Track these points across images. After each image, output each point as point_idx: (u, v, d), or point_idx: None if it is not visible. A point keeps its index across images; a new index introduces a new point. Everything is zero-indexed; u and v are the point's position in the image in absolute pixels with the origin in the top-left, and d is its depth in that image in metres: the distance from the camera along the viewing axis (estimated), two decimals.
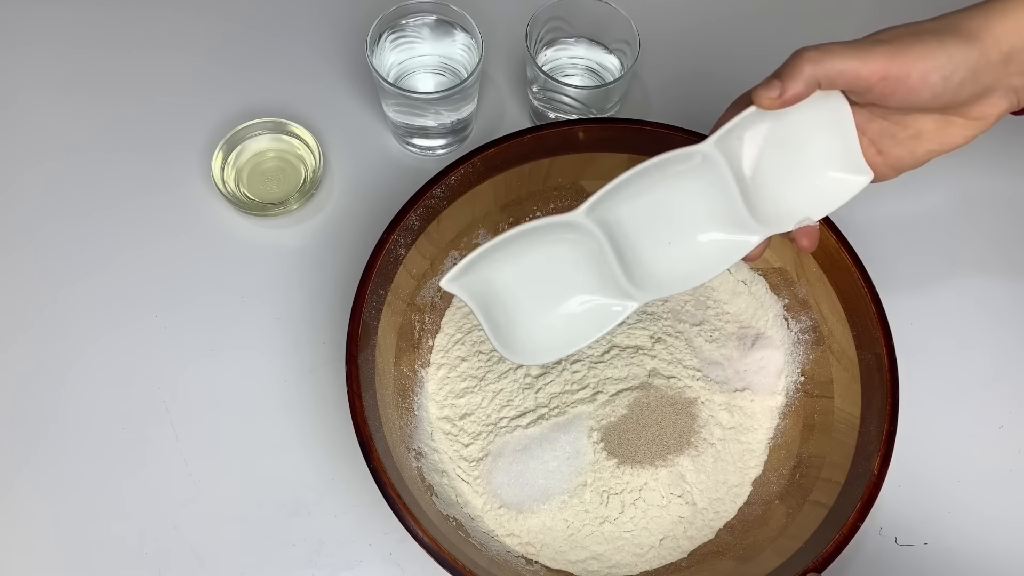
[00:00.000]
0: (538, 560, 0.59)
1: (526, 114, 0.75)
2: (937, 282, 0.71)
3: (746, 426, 0.63)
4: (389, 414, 0.59)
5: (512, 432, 0.61)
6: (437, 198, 0.63)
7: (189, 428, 0.64)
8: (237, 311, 0.68)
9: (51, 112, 0.74)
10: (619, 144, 0.66)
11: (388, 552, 0.61)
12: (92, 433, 0.64)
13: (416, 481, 0.58)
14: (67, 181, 0.72)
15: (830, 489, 0.58)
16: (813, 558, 0.53)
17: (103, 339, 0.66)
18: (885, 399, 0.57)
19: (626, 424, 0.61)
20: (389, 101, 0.68)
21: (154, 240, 0.70)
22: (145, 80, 0.76)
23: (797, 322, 0.65)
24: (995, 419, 0.66)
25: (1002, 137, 0.76)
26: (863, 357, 0.60)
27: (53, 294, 0.68)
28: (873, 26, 0.49)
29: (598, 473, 0.60)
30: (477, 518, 0.59)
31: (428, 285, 0.65)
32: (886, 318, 0.60)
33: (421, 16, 0.68)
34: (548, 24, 0.70)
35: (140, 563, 0.60)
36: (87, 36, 0.77)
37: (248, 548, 0.61)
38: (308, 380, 0.66)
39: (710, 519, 0.60)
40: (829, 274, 0.63)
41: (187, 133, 0.73)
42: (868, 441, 0.58)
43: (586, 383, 0.62)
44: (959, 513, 0.63)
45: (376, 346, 0.60)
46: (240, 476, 0.63)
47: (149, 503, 0.62)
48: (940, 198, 0.74)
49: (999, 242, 0.72)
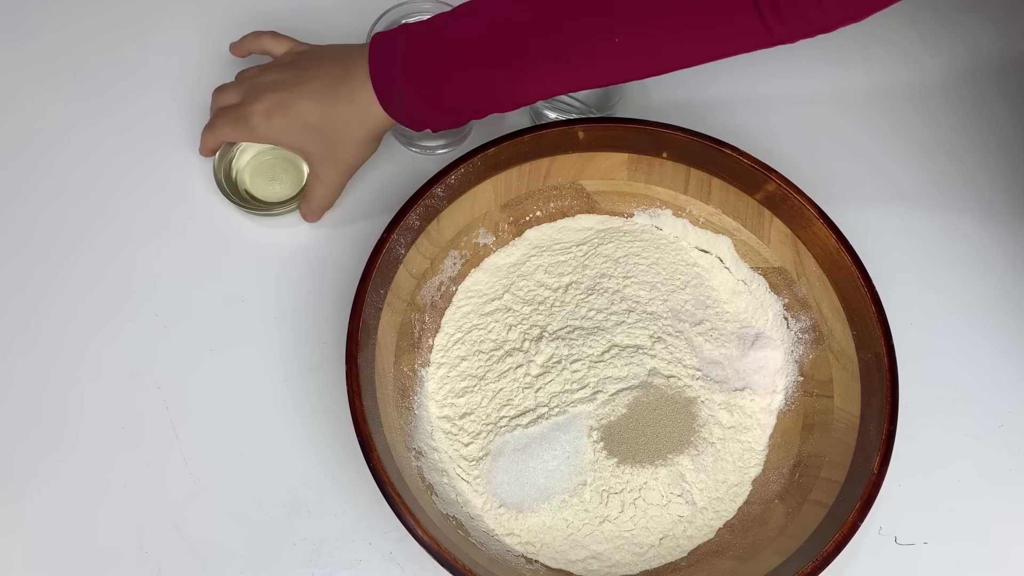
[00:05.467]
0: (538, 559, 0.59)
1: (526, 114, 0.75)
2: (937, 282, 0.71)
3: (746, 425, 0.63)
4: (389, 413, 0.59)
5: (512, 431, 0.61)
6: (437, 198, 0.63)
7: (189, 427, 0.64)
8: (237, 311, 0.68)
9: (50, 111, 0.74)
10: (619, 144, 0.66)
11: (388, 551, 0.61)
12: (92, 432, 0.64)
13: (416, 480, 0.58)
14: (66, 180, 0.72)
15: (830, 488, 0.58)
16: (813, 557, 0.53)
17: (103, 338, 0.66)
18: (885, 398, 0.58)
19: (626, 423, 0.61)
20: None
21: (154, 239, 0.70)
22: (145, 80, 0.76)
23: (797, 321, 0.65)
24: (995, 419, 0.66)
25: (1003, 137, 0.76)
26: (863, 356, 0.60)
27: (52, 293, 0.68)
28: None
29: (598, 472, 0.60)
30: (477, 517, 0.59)
31: (428, 284, 0.65)
32: (886, 318, 0.60)
33: (421, 16, 0.69)
34: None
35: (140, 563, 0.60)
36: (84, 32, 0.77)
37: (248, 547, 0.61)
38: (308, 380, 0.66)
39: (710, 518, 0.60)
40: (829, 274, 0.63)
41: (187, 132, 0.73)
42: (868, 440, 0.58)
43: (586, 382, 0.62)
44: (959, 513, 0.63)
45: (376, 345, 0.60)
46: (240, 475, 0.63)
47: (149, 502, 0.62)
48: (940, 198, 0.74)
49: (999, 242, 0.72)
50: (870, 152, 0.75)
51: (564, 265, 0.67)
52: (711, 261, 0.68)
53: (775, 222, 0.65)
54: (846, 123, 0.76)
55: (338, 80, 0.61)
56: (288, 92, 0.63)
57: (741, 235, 0.67)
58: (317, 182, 0.66)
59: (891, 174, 0.74)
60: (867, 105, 0.77)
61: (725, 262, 0.68)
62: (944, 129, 0.76)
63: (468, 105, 0.60)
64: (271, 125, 0.64)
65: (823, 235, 0.62)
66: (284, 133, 0.64)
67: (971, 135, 0.76)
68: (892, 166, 0.75)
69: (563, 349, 0.63)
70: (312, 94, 0.62)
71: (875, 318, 0.60)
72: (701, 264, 0.68)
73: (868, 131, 0.76)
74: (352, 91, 0.61)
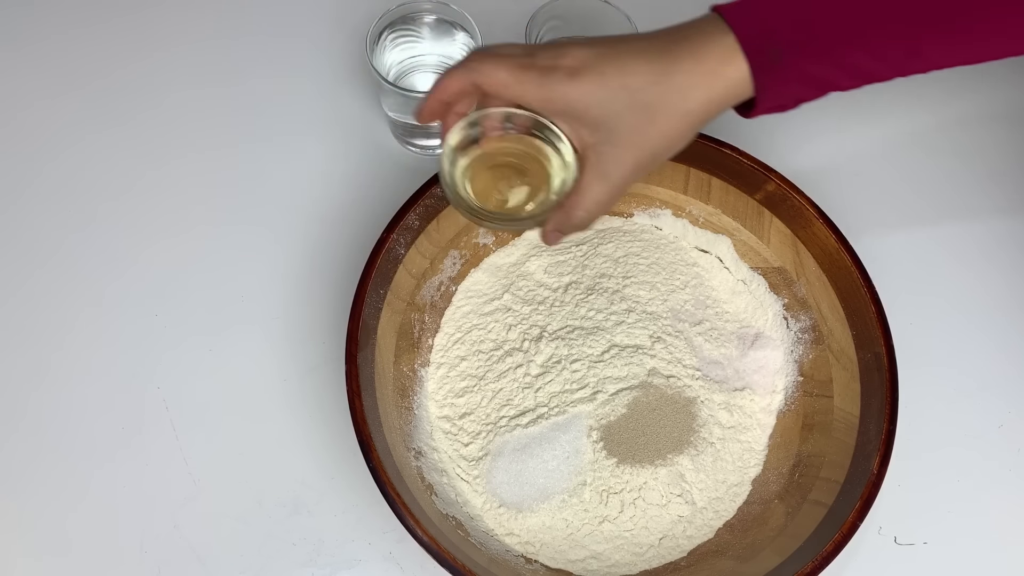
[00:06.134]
0: (537, 559, 0.59)
1: None
2: (937, 282, 0.70)
3: (745, 425, 0.63)
4: (389, 413, 0.59)
5: (512, 431, 0.61)
6: (437, 197, 0.63)
7: (189, 427, 0.64)
8: (237, 311, 0.68)
9: (50, 110, 0.74)
10: None
11: (388, 551, 0.61)
12: (92, 432, 0.64)
13: (416, 480, 0.58)
14: (66, 180, 0.72)
15: (829, 488, 0.58)
16: (812, 557, 0.53)
17: (103, 338, 0.66)
18: (884, 398, 0.58)
19: (626, 423, 0.61)
20: (389, 100, 0.69)
21: (154, 239, 0.70)
22: (144, 80, 0.76)
23: (797, 321, 0.65)
24: (995, 419, 0.66)
25: (1003, 136, 0.76)
26: (862, 356, 0.60)
27: (52, 294, 0.68)
28: None
29: (597, 472, 0.60)
30: (476, 517, 0.59)
31: (428, 284, 0.65)
32: (885, 318, 0.60)
33: (421, 15, 0.69)
34: (547, 24, 0.70)
35: (140, 562, 0.60)
36: (84, 35, 0.77)
37: (248, 547, 0.61)
38: (308, 379, 0.66)
39: (709, 518, 0.60)
40: (829, 274, 0.63)
41: (188, 132, 0.73)
42: (867, 440, 0.58)
43: (586, 382, 0.62)
44: (959, 513, 0.63)
45: (376, 345, 0.60)
46: (240, 475, 0.63)
47: (149, 502, 0.62)
48: (940, 198, 0.74)
49: (999, 242, 0.72)
50: (870, 152, 0.75)
51: (564, 265, 0.67)
52: (711, 261, 0.68)
53: (775, 222, 0.65)
54: (846, 123, 0.76)
55: (671, 41, 0.49)
56: (608, 47, 0.49)
57: (741, 235, 0.67)
58: (600, 181, 0.51)
59: (891, 174, 0.74)
60: (867, 105, 0.77)
61: (725, 262, 0.68)
62: (944, 128, 0.76)
63: (865, 69, 0.49)
64: (576, 86, 0.49)
65: (823, 235, 0.62)
66: (591, 95, 0.49)
67: (971, 134, 0.76)
68: (892, 166, 0.75)
69: (563, 349, 0.63)
70: (642, 52, 0.49)
71: (875, 318, 0.60)
72: (701, 264, 0.68)
73: (868, 131, 0.76)
74: (696, 48, 0.48)
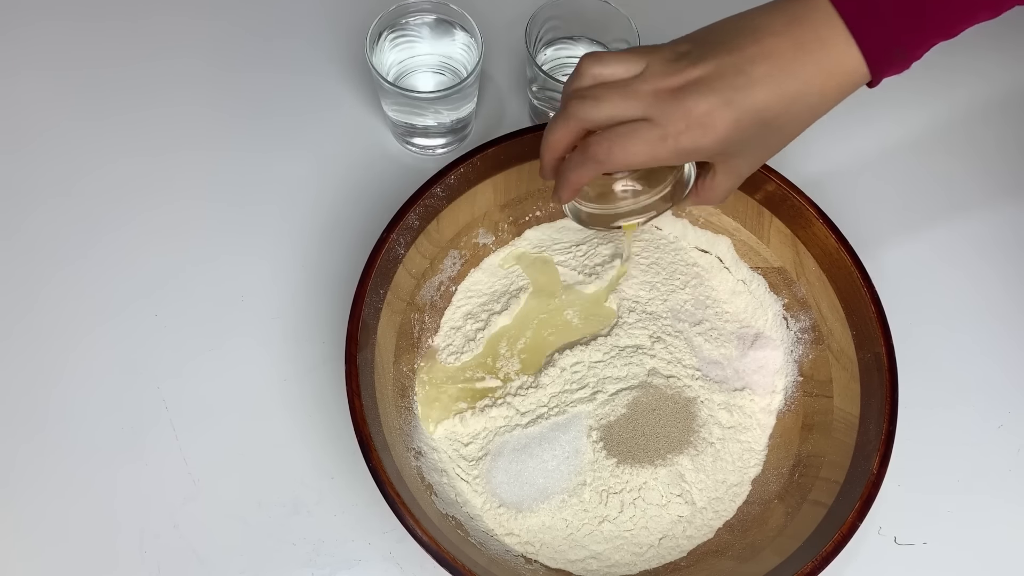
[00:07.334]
0: (537, 559, 0.59)
1: (526, 113, 0.75)
2: (937, 282, 0.70)
3: (745, 425, 0.63)
4: (388, 413, 0.59)
5: (511, 431, 0.61)
6: (437, 197, 0.63)
7: (188, 427, 0.64)
8: (237, 311, 0.68)
9: (50, 110, 0.74)
10: None
11: (387, 551, 0.61)
12: (92, 432, 0.64)
13: (415, 480, 0.58)
14: (67, 180, 0.72)
15: (829, 488, 0.58)
16: (812, 557, 0.53)
17: (103, 338, 0.67)
18: (884, 398, 0.57)
19: (625, 423, 0.61)
20: (389, 100, 0.69)
21: (154, 239, 0.70)
22: (144, 80, 0.76)
23: (796, 321, 0.65)
24: (995, 419, 0.66)
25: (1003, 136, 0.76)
26: (862, 357, 0.60)
27: (52, 293, 0.68)
28: None
29: (597, 472, 0.60)
30: (476, 517, 0.59)
31: (427, 284, 0.65)
32: (885, 318, 0.60)
33: (421, 15, 0.68)
34: (548, 23, 0.70)
35: (140, 562, 0.60)
36: (84, 35, 0.77)
37: (248, 547, 0.61)
38: (308, 379, 0.66)
39: (709, 518, 0.60)
40: (829, 274, 0.63)
41: (188, 132, 0.73)
42: (867, 440, 0.58)
43: (585, 382, 0.62)
44: (959, 513, 0.63)
45: (375, 345, 0.60)
46: (240, 475, 0.63)
47: (149, 502, 0.62)
48: (940, 199, 0.74)
49: (999, 242, 0.72)
50: (870, 152, 0.75)
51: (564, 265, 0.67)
52: (711, 261, 0.68)
53: (775, 222, 0.65)
54: (846, 123, 0.76)
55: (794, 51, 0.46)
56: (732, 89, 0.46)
57: (741, 235, 0.67)
58: (729, 176, 0.52)
59: (891, 174, 0.74)
60: (867, 105, 0.77)
61: (725, 262, 0.68)
62: (944, 128, 0.76)
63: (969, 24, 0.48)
64: (713, 138, 0.47)
65: (823, 235, 0.62)
66: (727, 140, 0.47)
67: (971, 134, 0.76)
68: (892, 166, 0.75)
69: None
70: (768, 77, 0.46)
71: (875, 318, 0.60)
72: (701, 264, 0.68)
73: (868, 131, 0.76)
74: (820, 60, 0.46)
